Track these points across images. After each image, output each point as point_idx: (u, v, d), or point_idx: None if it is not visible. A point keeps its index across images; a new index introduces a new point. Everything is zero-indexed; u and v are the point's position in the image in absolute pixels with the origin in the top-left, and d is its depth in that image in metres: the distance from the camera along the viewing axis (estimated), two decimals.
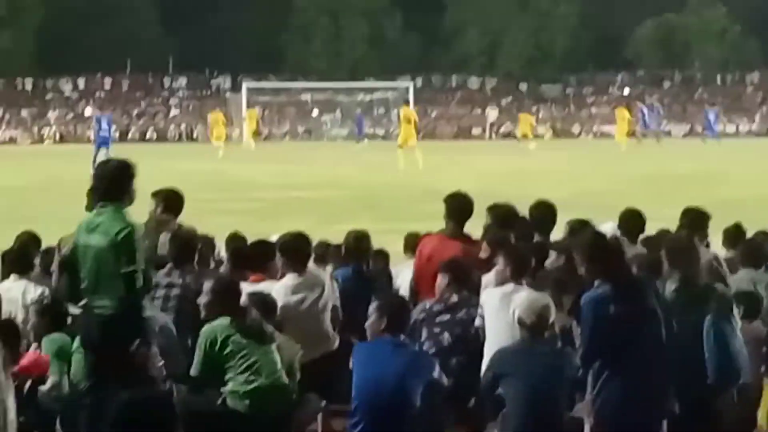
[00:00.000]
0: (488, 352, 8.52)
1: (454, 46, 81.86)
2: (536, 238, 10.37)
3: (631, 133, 58.86)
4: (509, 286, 8.80)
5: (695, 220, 10.75)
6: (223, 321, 8.39)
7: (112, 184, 8.02)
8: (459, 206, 10.20)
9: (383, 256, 11.74)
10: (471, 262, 9.55)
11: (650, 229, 10.96)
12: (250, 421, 8.24)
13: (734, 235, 11.41)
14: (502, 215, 10.51)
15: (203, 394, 8.43)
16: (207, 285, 8.83)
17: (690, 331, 8.25)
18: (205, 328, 8.42)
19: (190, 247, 9.91)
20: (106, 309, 7.87)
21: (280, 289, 9.44)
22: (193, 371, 8.43)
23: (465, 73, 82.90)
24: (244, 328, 8.38)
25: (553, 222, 10.66)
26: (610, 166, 38.96)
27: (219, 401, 8.33)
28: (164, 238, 10.02)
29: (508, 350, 8.12)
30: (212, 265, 10.73)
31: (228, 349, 8.30)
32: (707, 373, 8.31)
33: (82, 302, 8.11)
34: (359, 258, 10.76)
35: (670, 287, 8.57)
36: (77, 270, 8.11)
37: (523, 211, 10.86)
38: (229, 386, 8.30)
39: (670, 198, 21.34)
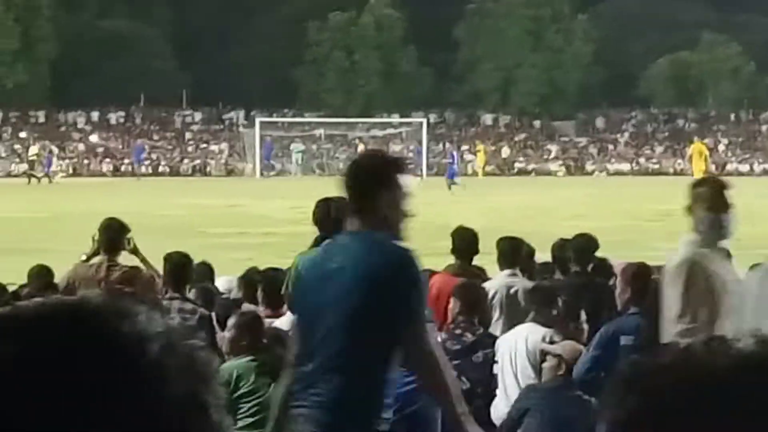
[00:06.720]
0: (504, 393, 8.42)
1: (468, 82, 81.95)
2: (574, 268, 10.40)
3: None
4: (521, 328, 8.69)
5: None
6: (240, 361, 8.12)
7: None
8: (464, 242, 10.31)
9: None
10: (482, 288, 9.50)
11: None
12: None
13: None
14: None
15: None
16: (231, 320, 8.45)
17: None
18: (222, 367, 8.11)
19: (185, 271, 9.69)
20: None
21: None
22: None
23: (479, 109, 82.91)
24: (264, 366, 7.97)
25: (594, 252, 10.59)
26: (624, 203, 38.75)
27: None
28: None
29: (537, 387, 7.99)
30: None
31: (239, 392, 7.96)
32: None
33: None
34: None
35: None
36: None
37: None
38: (238, 424, 8.02)
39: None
